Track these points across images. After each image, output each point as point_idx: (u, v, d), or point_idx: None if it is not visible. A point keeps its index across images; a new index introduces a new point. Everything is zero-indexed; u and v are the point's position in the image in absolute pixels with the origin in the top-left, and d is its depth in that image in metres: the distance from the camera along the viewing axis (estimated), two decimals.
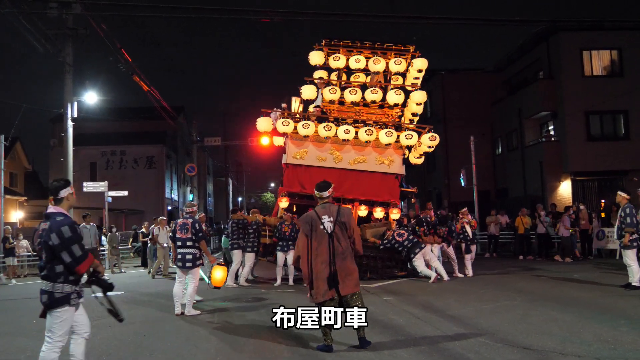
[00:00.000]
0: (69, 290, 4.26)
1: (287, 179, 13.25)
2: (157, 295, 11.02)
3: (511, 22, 17.04)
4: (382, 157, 13.03)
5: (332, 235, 5.81)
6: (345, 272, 5.74)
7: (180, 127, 39.23)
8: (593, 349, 5.50)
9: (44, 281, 4.27)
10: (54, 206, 4.47)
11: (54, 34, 16.81)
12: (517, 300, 8.82)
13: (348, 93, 12.91)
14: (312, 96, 13.46)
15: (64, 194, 4.48)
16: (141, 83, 20.51)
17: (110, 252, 17.37)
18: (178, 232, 8.53)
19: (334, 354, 5.59)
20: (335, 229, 5.82)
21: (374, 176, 13.05)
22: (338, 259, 5.74)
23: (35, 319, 8.19)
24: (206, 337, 6.80)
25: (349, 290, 5.74)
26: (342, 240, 5.83)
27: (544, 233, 16.61)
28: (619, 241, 9.98)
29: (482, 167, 24.00)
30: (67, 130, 17.63)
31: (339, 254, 5.76)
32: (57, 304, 4.23)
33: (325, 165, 13.07)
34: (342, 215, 5.91)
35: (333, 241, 5.79)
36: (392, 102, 13.00)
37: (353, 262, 5.92)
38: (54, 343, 4.27)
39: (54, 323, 4.26)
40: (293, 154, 13.16)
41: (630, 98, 22.73)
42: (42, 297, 4.27)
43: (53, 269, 4.23)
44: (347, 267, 5.78)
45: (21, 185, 35.31)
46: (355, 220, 6.20)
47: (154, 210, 31.22)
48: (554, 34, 24.02)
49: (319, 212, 5.94)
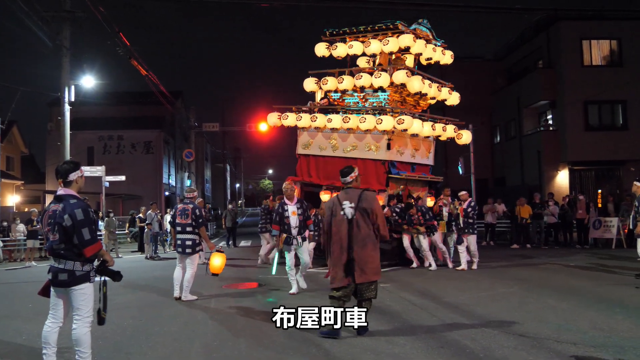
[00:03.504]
0: (88, 268, 4.37)
1: (298, 168, 14.11)
2: (155, 279, 11.04)
3: (512, 10, 16.93)
4: (371, 143, 12.81)
5: (352, 221, 5.68)
6: (364, 259, 5.64)
7: (178, 112, 39.07)
8: (588, 336, 5.53)
9: (61, 260, 4.30)
10: (63, 188, 4.46)
11: (51, 16, 16.66)
12: (513, 288, 8.86)
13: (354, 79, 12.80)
14: (314, 89, 13.89)
15: (74, 177, 4.53)
16: (139, 67, 20.39)
17: (107, 237, 17.34)
18: (178, 218, 8.53)
19: (330, 340, 5.60)
20: (356, 214, 5.67)
21: (366, 163, 12.97)
22: (357, 246, 5.63)
23: (32, 302, 8.23)
24: (204, 321, 6.82)
25: (366, 279, 5.65)
26: (363, 226, 5.67)
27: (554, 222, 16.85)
28: (635, 231, 9.97)
29: (480, 156, 23.97)
30: (65, 114, 17.54)
31: (358, 240, 5.64)
32: (78, 282, 4.31)
33: (325, 154, 13.53)
34: (364, 200, 5.72)
35: (352, 227, 5.67)
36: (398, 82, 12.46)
37: (375, 249, 5.77)
38: (84, 319, 4.36)
39: (80, 301, 4.34)
40: (302, 144, 14.02)
41: (629, 88, 22.71)
42: (60, 275, 4.29)
43: (72, 248, 4.28)
44: (367, 254, 5.66)
45: (18, 169, 35.22)
46: (380, 205, 5.99)
47: (152, 195, 31.16)
48: (554, 23, 23.95)
49: (340, 197, 5.83)
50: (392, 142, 12.47)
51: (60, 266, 4.31)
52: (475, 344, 5.35)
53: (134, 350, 5.55)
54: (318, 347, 5.43)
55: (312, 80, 13.87)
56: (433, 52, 13.06)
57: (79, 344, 4.34)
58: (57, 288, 4.39)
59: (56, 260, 4.34)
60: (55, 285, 4.37)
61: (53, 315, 4.47)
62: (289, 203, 8.58)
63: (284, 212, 8.53)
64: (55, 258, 4.36)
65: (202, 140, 49.06)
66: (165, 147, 37.02)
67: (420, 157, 13.60)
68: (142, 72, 21.02)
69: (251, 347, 5.57)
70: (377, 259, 5.78)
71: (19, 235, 17.06)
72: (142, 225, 17.77)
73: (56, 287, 4.39)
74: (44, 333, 4.43)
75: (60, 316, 4.47)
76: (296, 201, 8.64)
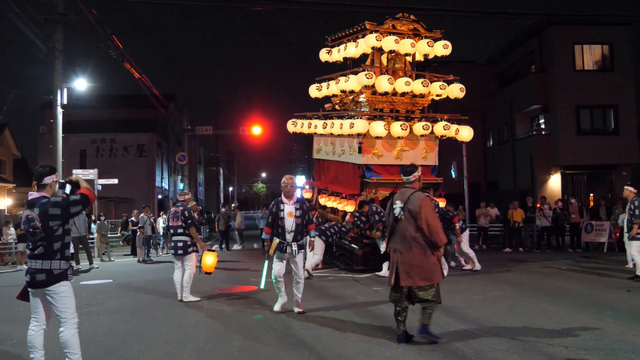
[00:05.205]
0: (65, 266, 4.37)
1: (314, 172, 15.26)
2: (147, 283, 11.00)
3: (504, 14, 17.01)
4: (350, 147, 12.66)
5: (399, 222, 5.54)
6: (409, 262, 5.43)
7: (171, 115, 38.98)
8: (580, 339, 5.55)
9: (38, 260, 4.30)
10: (37, 192, 4.46)
11: (44, 18, 16.55)
12: (505, 291, 8.88)
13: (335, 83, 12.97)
14: (319, 95, 14.17)
15: (49, 180, 4.53)
16: (132, 70, 20.33)
17: (99, 240, 17.29)
18: (171, 221, 8.72)
19: (323, 343, 5.59)
20: (404, 215, 5.50)
21: (349, 167, 13.00)
22: (403, 247, 5.48)
23: (23, 306, 8.13)
24: (196, 325, 6.79)
25: (412, 283, 5.42)
26: (410, 228, 5.45)
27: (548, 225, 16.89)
28: (627, 234, 10.06)
29: (473, 160, 24.06)
30: (57, 117, 17.45)
31: (403, 242, 5.48)
32: (56, 280, 4.30)
33: (326, 158, 14.08)
34: (410, 202, 5.47)
35: (399, 228, 5.55)
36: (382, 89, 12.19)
37: (423, 253, 5.43)
38: (69, 322, 4.37)
39: (62, 304, 4.35)
40: (315, 150, 14.89)
41: (620, 93, 22.87)
42: (37, 276, 4.29)
43: (50, 246, 4.30)
44: (413, 257, 5.42)
45: (10, 172, 34.98)
46: (430, 209, 5.54)
47: (144, 198, 31.04)
48: (547, 28, 24.12)
49: (396, 196, 5.72)
50: (364, 145, 12.19)
51: (37, 266, 4.31)
52: (467, 347, 5.36)
53: (125, 354, 5.52)
54: (311, 350, 5.43)
55: (314, 87, 14.20)
56: (430, 48, 12.65)
57: (67, 347, 4.35)
58: (35, 290, 4.38)
59: (33, 261, 4.34)
60: (34, 286, 4.36)
61: (35, 319, 4.47)
62: (286, 202, 7.22)
63: (278, 212, 7.21)
64: (32, 260, 4.36)
65: (196, 143, 48.96)
66: (158, 151, 36.91)
67: (414, 158, 12.74)
68: (135, 75, 20.96)
69: (243, 350, 5.56)
70: (427, 263, 5.43)
71: (10, 238, 16.94)
72: (134, 229, 17.70)
73: (35, 289, 4.38)
74: (29, 337, 4.43)
75: (42, 319, 4.47)
76: (295, 200, 7.27)
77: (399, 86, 12.09)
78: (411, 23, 12.58)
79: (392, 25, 12.38)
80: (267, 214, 7.27)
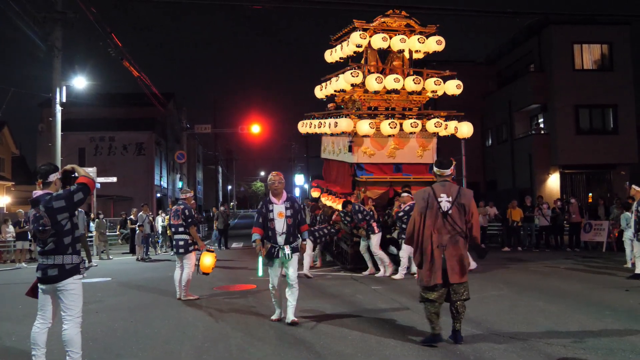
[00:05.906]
0: (77, 260, 4.38)
1: (323, 171, 15.37)
2: (146, 281, 11.00)
3: (503, 14, 17.01)
4: (342, 146, 12.57)
5: (447, 215, 5.40)
6: (456, 257, 5.36)
7: (170, 113, 38.99)
8: (578, 339, 5.55)
9: (50, 256, 4.31)
10: (41, 190, 4.45)
11: (43, 17, 16.54)
12: (504, 290, 8.89)
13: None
14: (321, 95, 14.23)
15: (53, 178, 4.54)
16: (131, 68, 20.30)
17: (98, 239, 17.29)
18: (172, 219, 8.77)
19: (321, 342, 5.59)
20: (452, 209, 5.40)
21: (344, 166, 13.06)
22: (450, 242, 5.38)
23: (22, 303, 8.17)
24: (194, 323, 6.79)
25: (457, 279, 5.37)
26: (458, 223, 5.40)
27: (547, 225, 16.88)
28: (634, 234, 10.02)
29: (471, 159, 24.07)
30: (56, 115, 17.44)
31: (451, 237, 5.39)
32: (68, 275, 4.31)
33: (329, 157, 14.29)
34: (463, 196, 5.45)
35: (447, 222, 5.40)
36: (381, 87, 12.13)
37: (465, 248, 5.46)
38: (74, 319, 4.35)
39: (70, 301, 4.34)
40: (323, 149, 15.01)
41: (619, 92, 22.88)
42: (49, 271, 4.29)
43: (61, 241, 4.30)
44: (459, 252, 5.38)
45: (8, 170, 34.94)
46: (474, 203, 5.61)
47: (143, 197, 31.07)
48: (546, 27, 24.10)
49: (436, 189, 5.51)
50: (354, 144, 12.15)
51: (49, 262, 4.31)
52: (466, 346, 5.36)
53: (124, 352, 5.52)
54: (309, 348, 5.43)
55: (318, 87, 14.26)
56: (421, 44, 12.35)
57: (69, 345, 4.33)
58: (46, 286, 4.37)
59: (44, 257, 4.34)
60: (45, 282, 4.35)
61: (42, 316, 4.45)
62: (275, 201, 6.64)
63: (267, 213, 6.62)
64: (43, 256, 4.36)
65: (194, 142, 49.00)
66: (156, 149, 36.91)
67: (409, 156, 12.65)
68: (134, 74, 20.94)
69: (242, 348, 5.56)
70: (466, 259, 5.47)
71: (9, 236, 16.93)
72: (133, 227, 17.70)
73: (46, 285, 4.37)
74: (33, 334, 4.41)
75: (48, 317, 4.45)
76: (285, 199, 6.67)
77: (388, 83, 11.97)
78: (404, 19, 12.46)
79: (384, 22, 12.29)
80: (257, 215, 6.84)
